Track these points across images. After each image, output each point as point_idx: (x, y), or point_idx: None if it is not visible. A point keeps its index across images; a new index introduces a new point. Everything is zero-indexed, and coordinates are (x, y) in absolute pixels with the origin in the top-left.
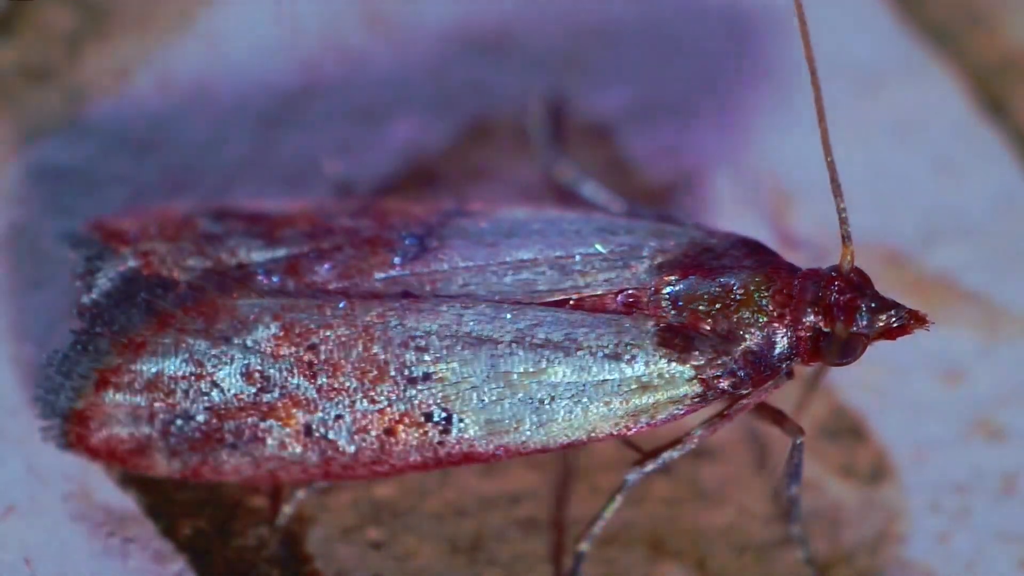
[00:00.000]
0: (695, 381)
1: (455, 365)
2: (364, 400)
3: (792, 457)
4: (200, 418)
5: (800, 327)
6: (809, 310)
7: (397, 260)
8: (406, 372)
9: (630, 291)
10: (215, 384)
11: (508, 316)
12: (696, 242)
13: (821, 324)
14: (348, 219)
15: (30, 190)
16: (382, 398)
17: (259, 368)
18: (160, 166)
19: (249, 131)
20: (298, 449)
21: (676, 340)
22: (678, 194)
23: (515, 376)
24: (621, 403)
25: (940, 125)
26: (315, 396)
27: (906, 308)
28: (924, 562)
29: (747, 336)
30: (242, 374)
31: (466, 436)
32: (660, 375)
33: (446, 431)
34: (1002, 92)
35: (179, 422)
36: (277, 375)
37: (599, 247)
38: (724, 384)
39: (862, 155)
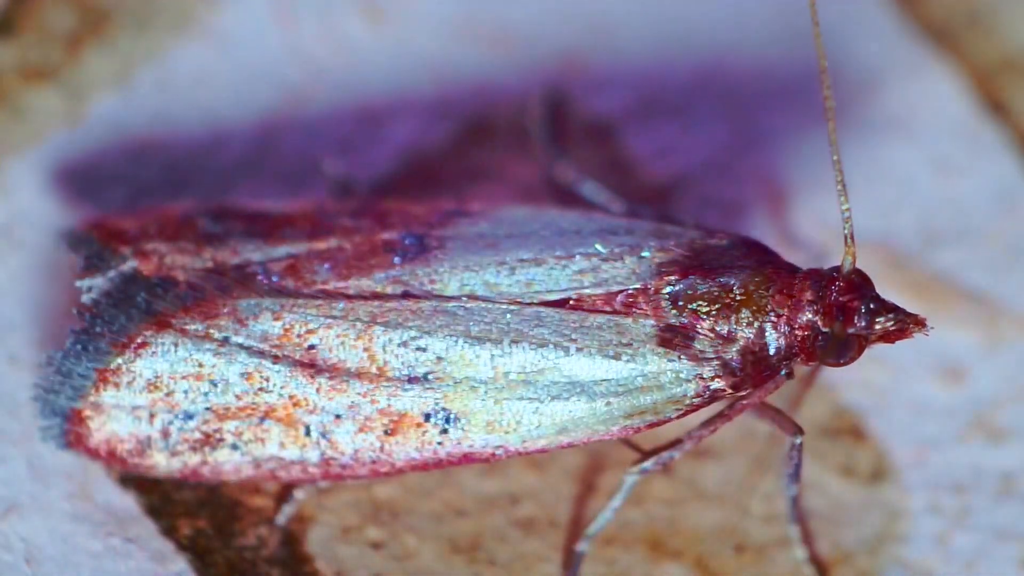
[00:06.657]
0: (695, 381)
1: (455, 365)
2: (364, 400)
3: (792, 457)
4: (200, 418)
5: (799, 327)
6: (809, 310)
7: (397, 260)
8: (406, 372)
9: (630, 291)
10: (215, 384)
11: (508, 316)
12: (696, 242)
13: (820, 324)
14: (348, 219)
15: (30, 190)
16: (382, 398)
17: (259, 368)
18: (160, 166)
19: (249, 131)
20: (298, 449)
21: (676, 340)
22: (678, 194)
23: (515, 376)
24: (621, 403)
25: (940, 125)
26: (315, 396)
27: (905, 311)
28: (924, 562)
29: (747, 336)
30: (242, 374)
31: (466, 436)
32: (660, 375)
33: (446, 431)
34: (1002, 92)
35: (179, 422)
36: (277, 375)
37: (599, 247)
38: (724, 384)
39: (862, 155)
